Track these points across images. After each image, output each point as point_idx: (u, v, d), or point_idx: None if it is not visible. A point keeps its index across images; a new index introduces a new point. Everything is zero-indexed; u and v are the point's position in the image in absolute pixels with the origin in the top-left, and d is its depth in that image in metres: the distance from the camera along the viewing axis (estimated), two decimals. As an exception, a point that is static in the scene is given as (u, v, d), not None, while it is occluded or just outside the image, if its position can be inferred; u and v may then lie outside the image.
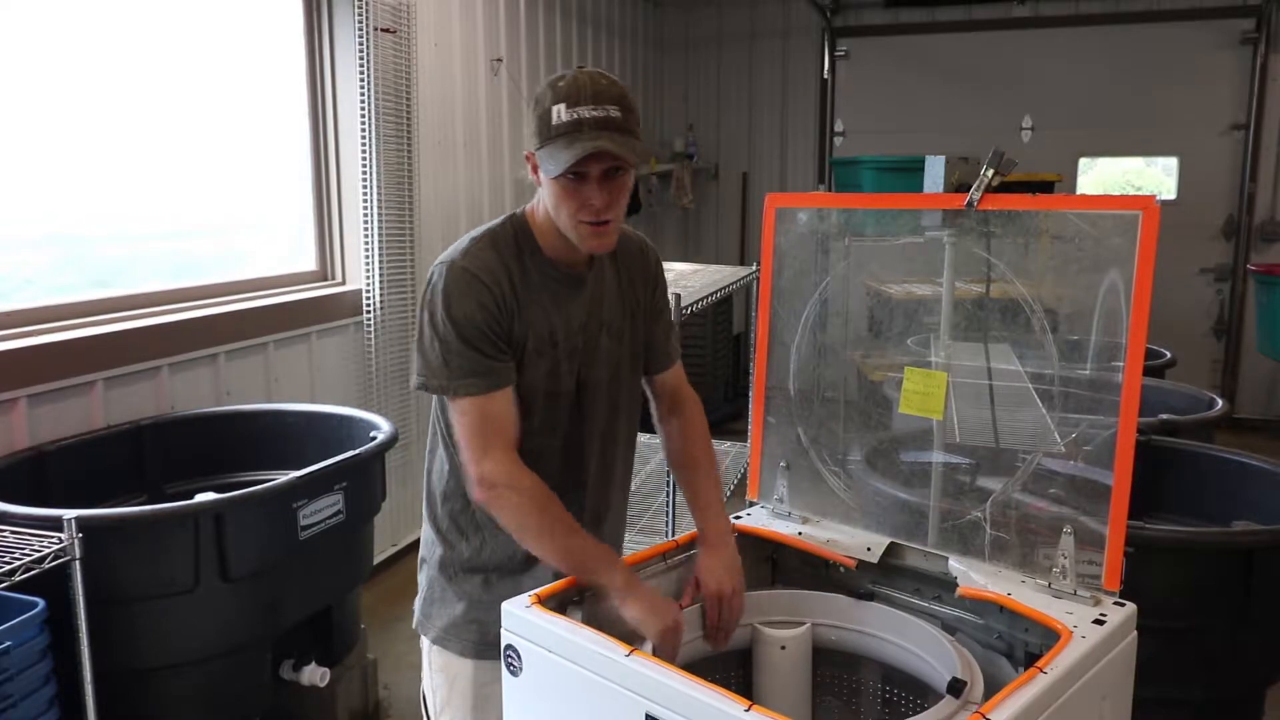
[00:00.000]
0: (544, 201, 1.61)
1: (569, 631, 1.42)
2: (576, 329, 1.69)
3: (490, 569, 1.74)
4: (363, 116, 3.79)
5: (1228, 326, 6.50)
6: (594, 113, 1.48)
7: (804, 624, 1.68)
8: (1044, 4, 6.58)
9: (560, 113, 1.48)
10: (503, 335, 1.59)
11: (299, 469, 2.50)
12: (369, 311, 3.94)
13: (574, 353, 1.69)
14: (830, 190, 6.57)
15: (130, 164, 3.25)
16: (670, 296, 2.53)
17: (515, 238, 1.65)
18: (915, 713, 1.65)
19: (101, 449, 2.79)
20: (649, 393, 1.92)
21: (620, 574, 1.54)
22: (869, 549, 1.73)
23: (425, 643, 1.82)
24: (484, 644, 1.70)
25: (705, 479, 1.82)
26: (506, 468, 1.57)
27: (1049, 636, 1.42)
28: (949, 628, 1.63)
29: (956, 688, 1.32)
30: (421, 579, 1.84)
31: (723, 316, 6.40)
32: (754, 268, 3.25)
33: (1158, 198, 1.48)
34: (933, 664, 1.53)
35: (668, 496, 2.67)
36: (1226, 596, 2.35)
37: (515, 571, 1.73)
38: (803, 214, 1.93)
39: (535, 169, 1.57)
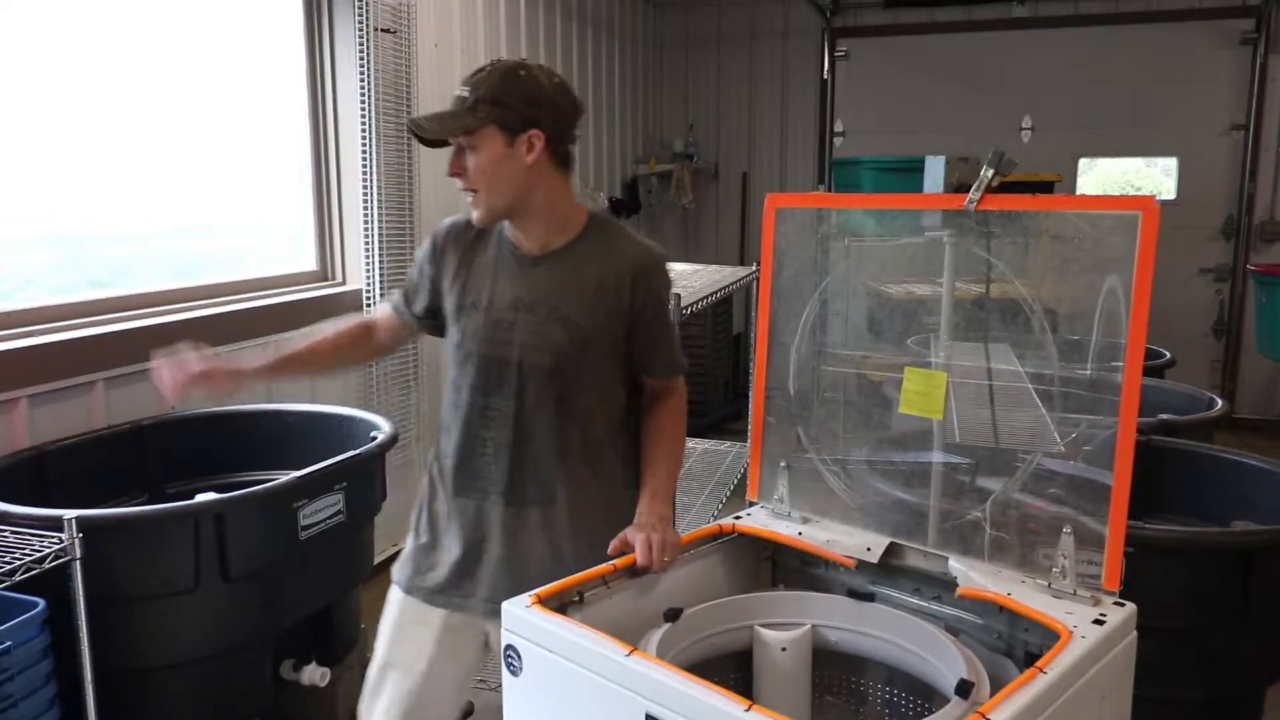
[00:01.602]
0: None
1: (569, 631, 1.43)
2: (508, 304, 1.79)
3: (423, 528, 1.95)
4: (363, 116, 3.79)
5: (1227, 326, 6.50)
6: (456, 93, 1.74)
7: (804, 625, 1.68)
8: (1044, 4, 6.58)
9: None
10: (424, 278, 1.91)
11: (299, 469, 2.50)
12: (369, 311, 3.94)
13: (499, 324, 1.79)
14: (830, 190, 6.57)
15: (130, 164, 3.25)
16: (671, 297, 2.53)
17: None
18: (918, 714, 1.66)
19: (102, 449, 2.79)
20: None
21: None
22: (869, 549, 1.73)
23: None
24: (402, 579, 1.92)
25: (661, 446, 1.87)
26: None
27: (1049, 636, 1.42)
28: (950, 628, 1.63)
29: (965, 689, 1.32)
30: None
31: (723, 316, 6.40)
32: (754, 268, 3.25)
33: (1157, 198, 1.48)
34: (936, 665, 1.53)
35: (668, 496, 2.67)
36: (1226, 596, 2.35)
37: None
38: (803, 214, 1.93)
39: None
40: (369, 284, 3.92)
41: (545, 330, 1.76)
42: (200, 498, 2.32)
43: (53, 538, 1.97)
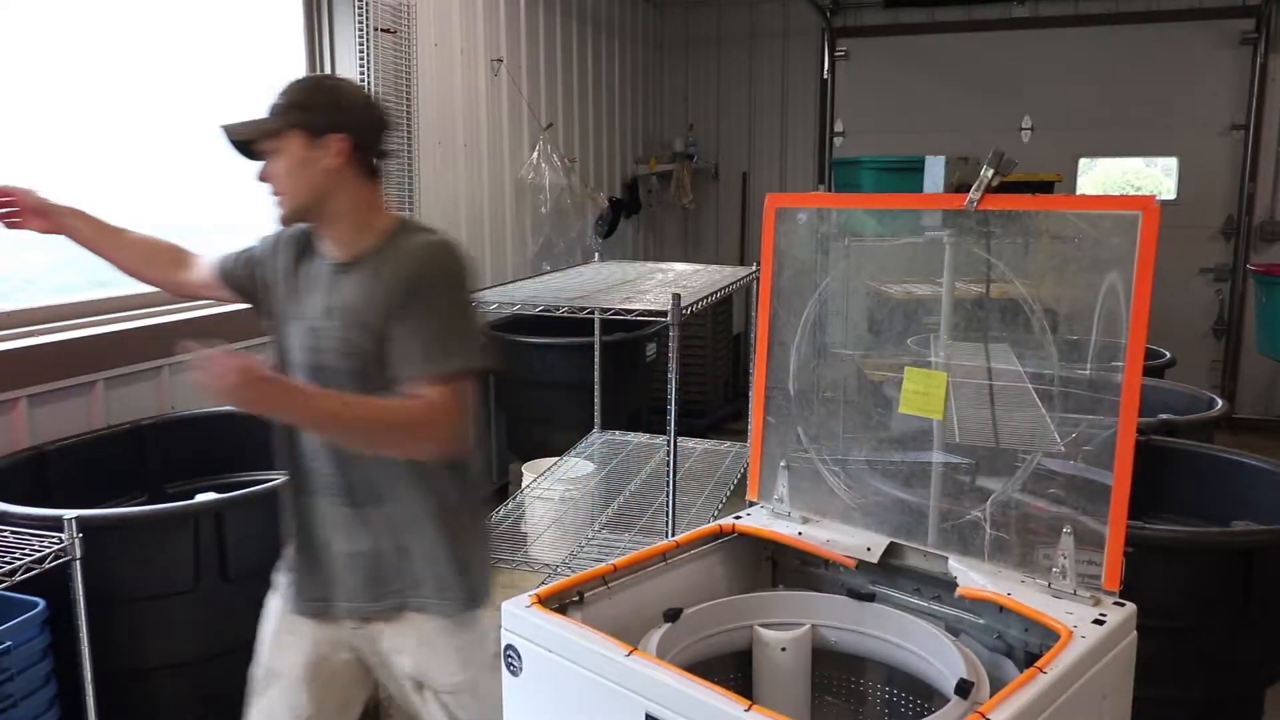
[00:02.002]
0: None
1: (569, 631, 1.42)
2: (320, 312, 1.79)
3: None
4: (363, 116, 3.79)
5: (1227, 326, 6.50)
6: (236, 120, 1.80)
7: (804, 625, 1.68)
8: (1044, 4, 6.58)
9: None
10: (251, 259, 1.94)
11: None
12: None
13: (314, 332, 1.80)
14: (830, 190, 6.57)
15: (130, 164, 3.25)
16: (671, 296, 2.53)
17: (302, 235, 1.88)
18: (918, 714, 1.66)
19: (102, 449, 2.79)
20: None
21: None
22: (869, 549, 1.73)
23: None
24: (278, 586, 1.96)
25: (366, 401, 1.71)
26: None
27: (1049, 636, 1.42)
28: (950, 628, 1.63)
29: (965, 689, 1.32)
30: None
31: (723, 316, 6.40)
32: (754, 268, 3.25)
33: (1157, 198, 1.48)
34: (936, 665, 1.53)
35: (668, 496, 2.67)
36: (1226, 596, 2.35)
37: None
38: (803, 214, 1.93)
39: None
40: (369, 284, 3.92)
41: (348, 335, 1.76)
42: (200, 498, 2.32)
43: (53, 538, 1.98)
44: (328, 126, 1.76)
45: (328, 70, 3.90)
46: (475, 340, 1.76)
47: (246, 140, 1.79)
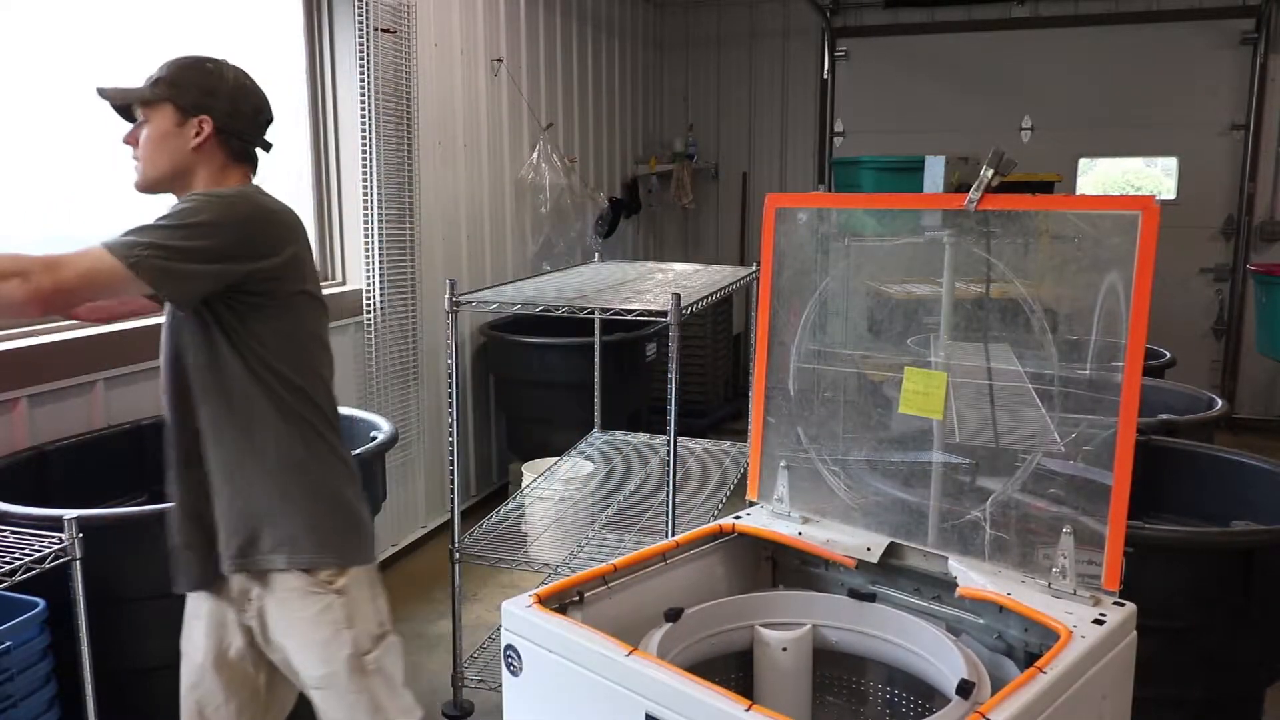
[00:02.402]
0: None
1: (569, 631, 1.43)
2: None
3: None
4: (363, 117, 3.79)
5: (1227, 326, 6.50)
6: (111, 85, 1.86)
7: (805, 625, 1.68)
8: (1044, 4, 6.58)
9: None
10: None
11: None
12: (369, 311, 3.94)
13: (169, 311, 1.87)
14: (830, 190, 6.57)
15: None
16: (671, 296, 2.53)
17: None
18: (918, 714, 1.66)
19: (102, 449, 2.79)
20: None
21: None
22: (869, 549, 1.73)
23: None
24: None
25: None
26: None
27: (1049, 636, 1.43)
28: (950, 628, 1.63)
29: (965, 689, 1.32)
30: None
31: (723, 316, 6.40)
32: (754, 268, 3.25)
33: (1157, 198, 1.48)
34: (937, 665, 1.53)
35: (668, 497, 2.67)
36: (1226, 596, 2.35)
37: None
38: (803, 214, 1.93)
39: None
40: (369, 284, 3.92)
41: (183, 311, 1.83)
42: (200, 498, 2.31)
43: (53, 538, 1.97)
44: (196, 107, 1.81)
45: (328, 71, 3.90)
46: (173, 250, 1.64)
47: (110, 101, 1.85)
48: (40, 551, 1.94)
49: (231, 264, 1.70)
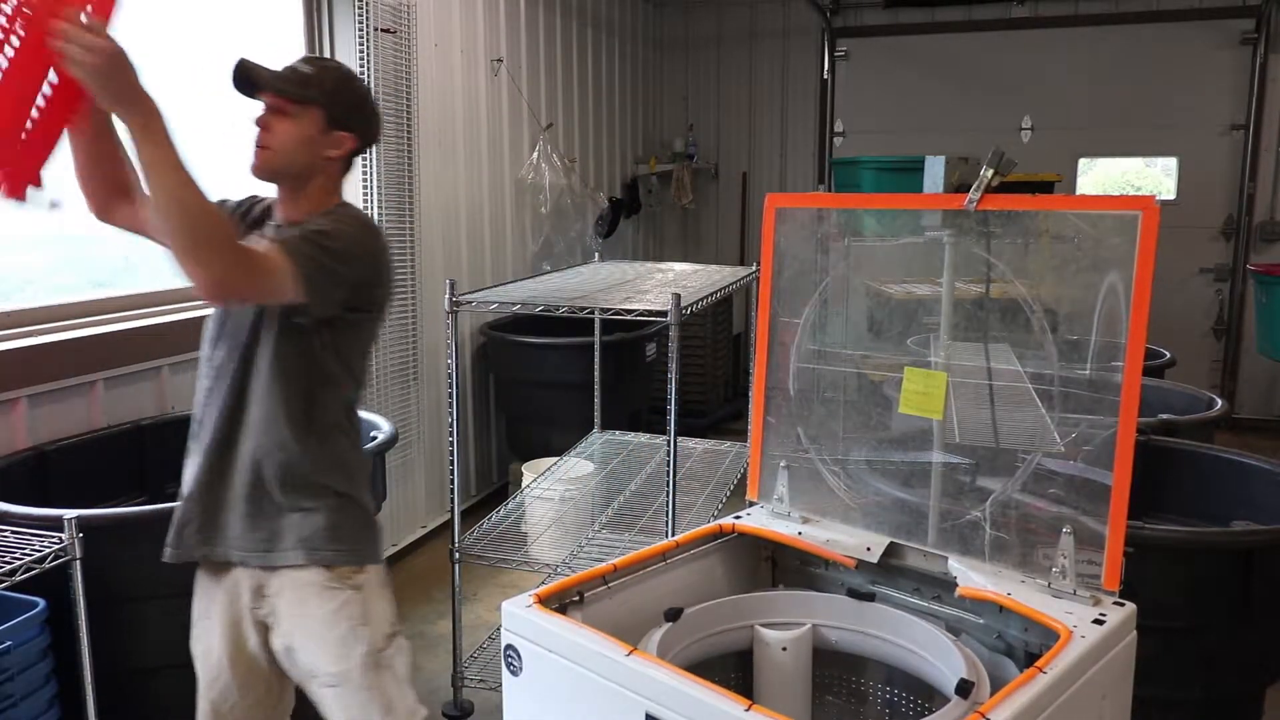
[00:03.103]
0: None
1: (569, 631, 1.43)
2: None
3: None
4: (363, 116, 3.79)
5: (1227, 326, 6.50)
6: (293, 63, 1.83)
7: (805, 625, 1.68)
8: (1044, 4, 6.58)
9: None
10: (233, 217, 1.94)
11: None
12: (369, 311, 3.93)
13: None
14: (830, 190, 6.57)
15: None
16: (671, 296, 2.53)
17: (268, 199, 1.95)
18: (918, 714, 1.66)
19: (102, 449, 2.79)
20: None
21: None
22: (869, 549, 1.73)
23: None
24: None
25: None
26: None
27: (1048, 636, 1.43)
28: (950, 628, 1.63)
29: (965, 689, 1.32)
30: None
31: (723, 316, 6.40)
32: (754, 268, 3.25)
33: (1157, 198, 1.48)
34: (936, 665, 1.53)
35: (668, 497, 2.67)
36: (1226, 596, 2.35)
37: None
38: (803, 214, 1.93)
39: None
40: (369, 284, 3.92)
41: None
42: (200, 498, 2.31)
43: (53, 538, 1.97)
44: (343, 123, 1.86)
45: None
46: (318, 255, 1.70)
47: (259, 84, 1.82)
48: (40, 551, 1.94)
49: (363, 290, 1.84)
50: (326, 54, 3.89)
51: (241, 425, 1.83)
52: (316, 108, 1.83)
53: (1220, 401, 3.59)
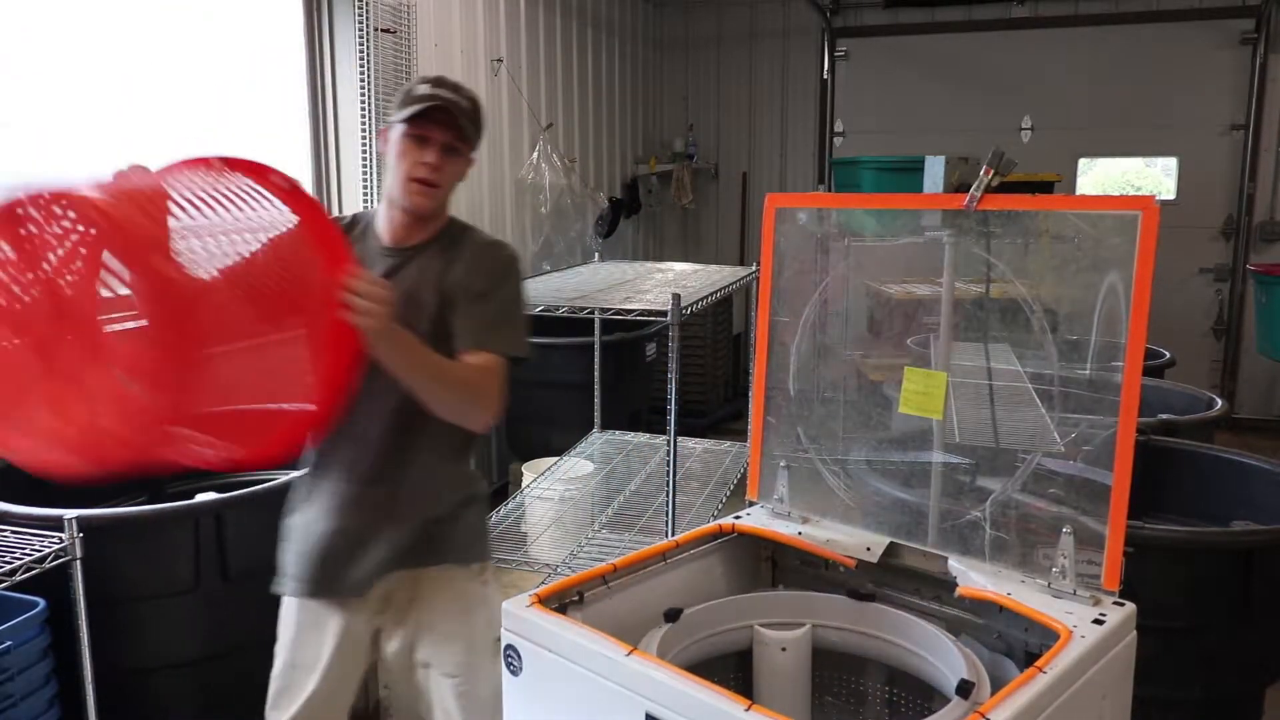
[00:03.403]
0: (386, 180, 1.86)
1: (569, 631, 1.43)
2: None
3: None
4: (363, 117, 3.79)
5: (1227, 326, 6.50)
6: (450, 95, 1.79)
7: (804, 625, 1.68)
8: (1044, 4, 6.58)
9: (422, 86, 1.80)
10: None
11: (299, 469, 2.49)
12: (369, 311, 3.93)
13: None
14: (830, 190, 6.57)
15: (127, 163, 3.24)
16: (671, 296, 2.53)
17: (364, 217, 1.95)
18: (918, 714, 1.66)
19: (102, 449, 2.78)
20: None
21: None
22: (869, 549, 1.73)
23: None
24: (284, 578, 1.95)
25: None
26: None
27: (1048, 636, 1.43)
28: (950, 628, 1.63)
29: (965, 689, 1.32)
30: None
31: (723, 316, 6.40)
32: (754, 268, 3.25)
33: (1157, 198, 1.48)
34: (936, 665, 1.53)
35: (668, 497, 2.67)
36: (1226, 596, 2.35)
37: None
38: (803, 214, 1.93)
39: (385, 139, 1.83)
40: (369, 284, 3.92)
41: (403, 313, 1.76)
42: (200, 498, 2.32)
43: (53, 538, 1.98)
44: (475, 148, 1.92)
45: (328, 71, 3.90)
46: (524, 332, 1.89)
47: (458, 129, 1.81)
48: (40, 551, 1.94)
49: None
50: (326, 54, 3.89)
51: (392, 462, 1.86)
52: (475, 144, 1.87)
53: (1220, 401, 3.59)
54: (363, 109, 3.78)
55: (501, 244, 1.97)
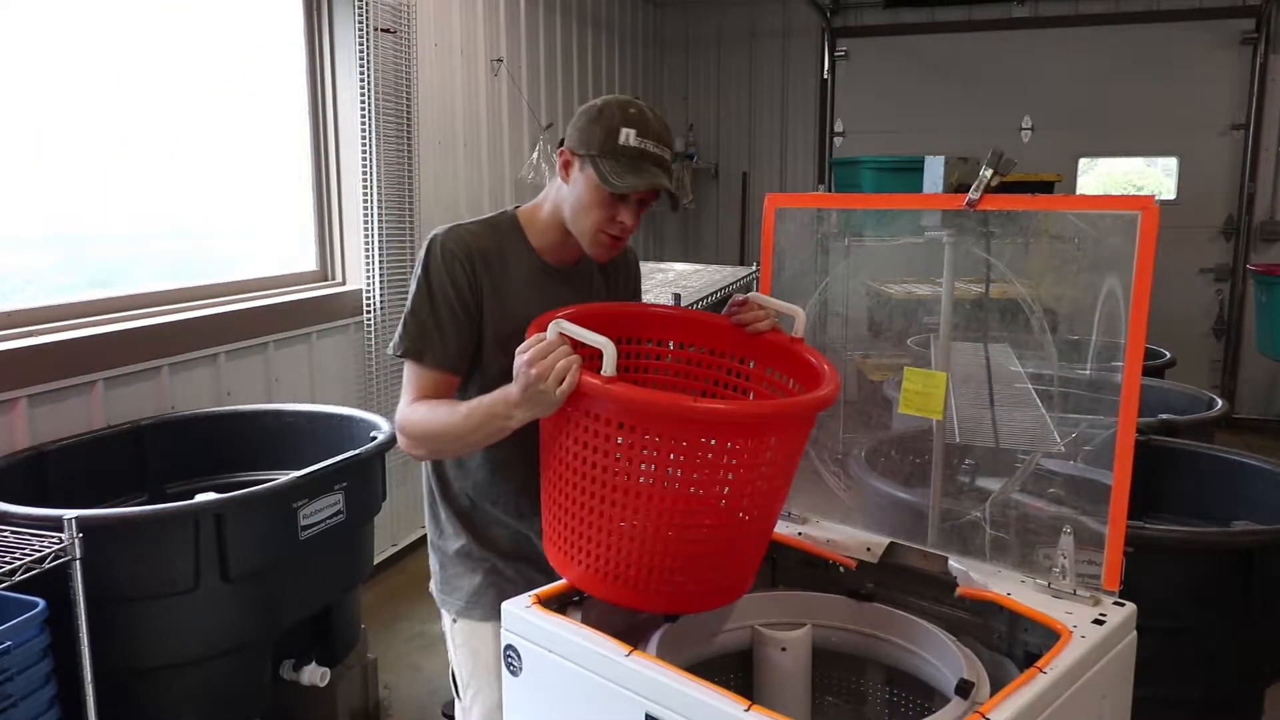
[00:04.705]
0: (556, 199, 1.72)
1: (569, 631, 1.43)
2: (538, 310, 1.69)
3: (496, 557, 1.82)
4: (363, 116, 3.79)
5: (1227, 326, 6.50)
6: (657, 150, 1.65)
7: (804, 625, 1.68)
8: (1044, 4, 6.58)
9: (630, 137, 1.63)
10: (467, 309, 1.71)
11: (299, 469, 2.50)
12: (369, 312, 3.94)
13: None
14: (830, 190, 6.57)
15: (130, 164, 3.25)
16: (670, 297, 2.53)
17: (505, 229, 1.76)
18: (918, 714, 1.66)
19: (101, 449, 2.79)
20: None
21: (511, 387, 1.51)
22: (869, 549, 1.73)
23: (447, 620, 1.87)
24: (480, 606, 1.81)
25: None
26: (405, 411, 1.73)
27: (1049, 636, 1.42)
28: (950, 628, 1.63)
29: (965, 689, 1.32)
30: (433, 561, 1.89)
31: (723, 316, 6.40)
32: (754, 268, 3.25)
33: (1157, 198, 1.48)
34: (936, 665, 1.53)
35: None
36: (1226, 596, 2.35)
37: (516, 558, 1.81)
38: (803, 214, 1.93)
39: (567, 166, 1.68)
40: (369, 284, 3.92)
41: None
42: (200, 498, 2.31)
43: (53, 538, 1.97)
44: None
45: (328, 71, 3.90)
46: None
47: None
48: (40, 551, 1.94)
49: None
50: (326, 54, 3.89)
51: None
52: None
53: (1220, 401, 3.58)
54: (363, 109, 3.78)
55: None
